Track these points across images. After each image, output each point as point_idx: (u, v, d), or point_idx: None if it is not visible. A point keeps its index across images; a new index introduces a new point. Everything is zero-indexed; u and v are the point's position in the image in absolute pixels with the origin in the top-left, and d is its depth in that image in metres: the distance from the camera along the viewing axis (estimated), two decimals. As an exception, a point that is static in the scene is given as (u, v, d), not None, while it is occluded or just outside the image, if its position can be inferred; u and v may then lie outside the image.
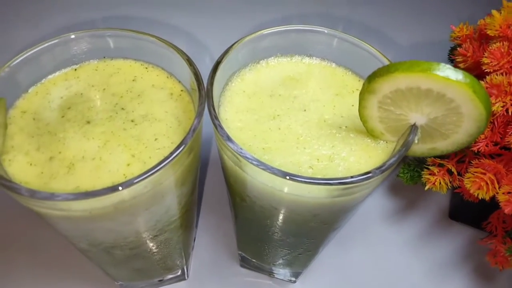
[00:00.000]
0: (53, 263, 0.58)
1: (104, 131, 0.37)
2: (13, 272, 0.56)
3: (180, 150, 0.32)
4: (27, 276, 0.56)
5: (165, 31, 0.91)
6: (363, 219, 0.64)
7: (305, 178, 0.31)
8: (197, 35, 0.90)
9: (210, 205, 0.65)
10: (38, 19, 0.92)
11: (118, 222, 0.35)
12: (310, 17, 0.91)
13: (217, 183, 0.67)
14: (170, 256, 0.49)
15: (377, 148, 0.37)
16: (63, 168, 0.34)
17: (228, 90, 0.41)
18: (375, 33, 0.89)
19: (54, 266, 0.57)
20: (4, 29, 0.89)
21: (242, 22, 0.89)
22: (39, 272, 0.57)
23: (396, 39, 0.89)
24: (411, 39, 0.90)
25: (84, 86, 0.41)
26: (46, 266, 0.57)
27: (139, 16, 0.94)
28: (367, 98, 0.35)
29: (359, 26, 0.90)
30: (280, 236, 0.44)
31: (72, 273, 0.57)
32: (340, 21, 0.89)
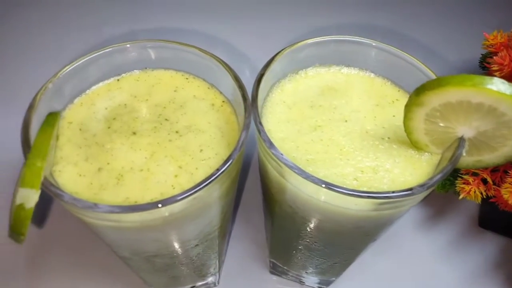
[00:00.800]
0: (89, 265, 0.59)
1: (150, 142, 0.37)
2: (50, 271, 0.57)
3: (230, 162, 0.32)
4: (62, 276, 0.57)
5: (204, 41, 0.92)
6: (394, 227, 0.64)
7: (352, 191, 0.31)
8: (234, 45, 0.91)
9: (242, 212, 0.66)
10: (82, 31, 0.94)
11: (164, 233, 0.36)
12: (349, 27, 0.91)
13: (249, 191, 0.68)
14: (206, 264, 0.49)
15: (422, 160, 0.37)
16: (112, 179, 0.35)
17: (268, 101, 0.42)
18: (412, 42, 0.89)
19: (90, 267, 0.58)
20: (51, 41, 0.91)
21: (280, 32, 0.89)
22: (74, 272, 0.58)
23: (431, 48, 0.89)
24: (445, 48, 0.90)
25: (127, 96, 0.41)
26: (82, 267, 0.58)
27: (179, 27, 0.95)
28: (414, 110, 0.34)
29: (397, 36, 0.90)
30: (319, 246, 0.44)
31: (108, 277, 0.58)
32: (378, 31, 0.90)
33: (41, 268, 0.58)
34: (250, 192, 0.67)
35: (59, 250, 0.60)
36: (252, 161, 0.72)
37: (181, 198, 0.30)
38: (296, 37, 0.42)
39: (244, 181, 0.69)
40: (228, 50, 0.89)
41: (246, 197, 0.67)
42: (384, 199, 0.31)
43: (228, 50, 0.89)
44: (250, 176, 0.69)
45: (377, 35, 0.45)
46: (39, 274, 0.58)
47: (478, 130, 0.33)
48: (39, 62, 0.86)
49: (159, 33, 0.93)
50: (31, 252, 0.60)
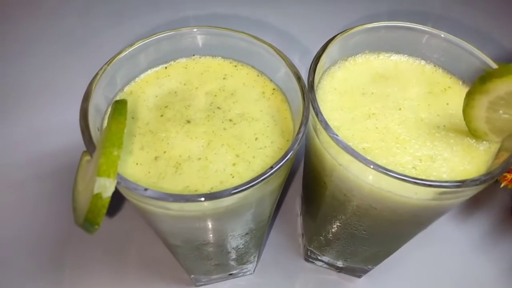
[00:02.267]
0: (128, 252, 0.59)
1: (206, 131, 0.37)
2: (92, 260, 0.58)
3: (290, 154, 0.32)
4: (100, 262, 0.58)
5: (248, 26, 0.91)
6: (428, 215, 0.64)
7: (422, 180, 0.31)
8: (282, 31, 0.89)
9: (281, 203, 0.66)
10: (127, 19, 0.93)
11: (221, 222, 0.36)
12: (400, 13, 0.90)
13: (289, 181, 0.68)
14: (249, 252, 0.49)
15: (479, 149, 0.37)
16: (170, 168, 0.35)
17: (319, 89, 0.41)
18: (465, 29, 0.87)
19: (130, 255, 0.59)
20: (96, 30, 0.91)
21: (329, 19, 0.88)
22: (112, 258, 0.58)
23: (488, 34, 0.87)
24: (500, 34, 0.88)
25: (176, 84, 0.41)
26: (120, 254, 0.59)
27: (226, 13, 0.94)
28: (477, 98, 0.34)
29: (449, 22, 0.88)
30: (366, 235, 0.44)
31: (143, 265, 0.58)
32: (430, 17, 0.88)
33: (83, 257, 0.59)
34: (287, 182, 0.67)
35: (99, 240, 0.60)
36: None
37: (253, 185, 0.29)
38: (345, 24, 0.41)
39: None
40: (276, 36, 0.88)
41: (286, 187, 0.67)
42: (452, 188, 0.31)
43: (276, 36, 0.88)
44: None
45: (428, 21, 0.44)
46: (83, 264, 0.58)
47: (546, 118, 0.32)
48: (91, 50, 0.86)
49: (209, 19, 0.92)
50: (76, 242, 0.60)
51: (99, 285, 0.56)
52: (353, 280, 0.59)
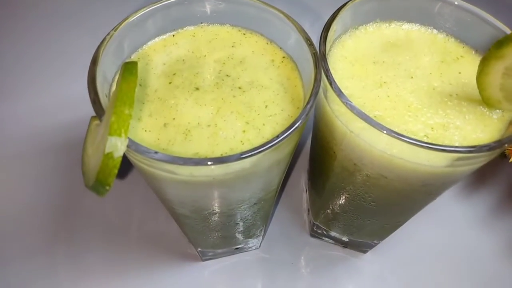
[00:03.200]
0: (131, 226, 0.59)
1: (215, 98, 0.36)
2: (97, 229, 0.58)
3: (301, 121, 0.31)
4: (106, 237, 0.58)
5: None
6: (434, 191, 0.63)
7: (439, 146, 0.30)
8: None
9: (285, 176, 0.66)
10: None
11: (231, 189, 0.35)
12: None
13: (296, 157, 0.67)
14: (255, 224, 0.49)
15: (492, 117, 0.36)
16: (179, 135, 0.34)
17: (330, 57, 0.40)
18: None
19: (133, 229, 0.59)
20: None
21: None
22: (115, 233, 0.58)
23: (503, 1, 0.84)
24: None
25: (184, 52, 0.40)
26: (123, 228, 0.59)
27: None
28: (492, 64, 0.33)
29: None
30: (375, 206, 0.43)
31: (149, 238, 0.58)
32: None
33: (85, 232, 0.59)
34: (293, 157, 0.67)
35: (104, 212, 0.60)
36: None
37: (262, 150, 0.29)
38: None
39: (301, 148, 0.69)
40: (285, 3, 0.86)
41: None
42: (464, 153, 0.30)
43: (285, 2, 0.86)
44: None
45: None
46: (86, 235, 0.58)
47: (562, 83, 0.32)
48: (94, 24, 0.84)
49: None
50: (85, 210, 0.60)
51: (102, 260, 0.56)
52: (358, 255, 0.59)
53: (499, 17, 0.39)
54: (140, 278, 0.55)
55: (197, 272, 0.56)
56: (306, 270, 0.58)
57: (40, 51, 0.81)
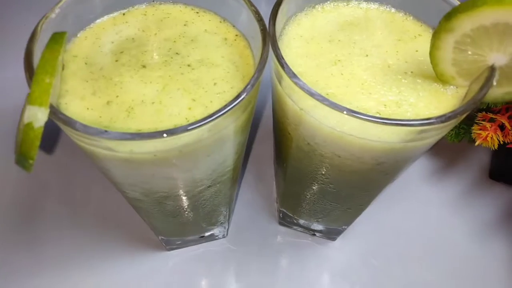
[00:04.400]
0: (93, 216, 0.58)
1: (162, 75, 0.35)
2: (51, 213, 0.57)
3: (245, 95, 0.30)
4: (66, 226, 0.56)
5: None
6: (404, 178, 0.63)
7: (381, 119, 0.29)
8: None
9: (251, 162, 0.64)
10: None
11: (178, 169, 0.34)
12: None
13: (258, 140, 0.66)
14: (216, 210, 0.48)
15: (447, 94, 0.36)
16: (122, 112, 0.33)
17: (284, 35, 0.39)
18: None
19: (95, 219, 0.57)
20: None
21: None
22: (79, 223, 0.57)
23: None
24: None
25: (134, 31, 0.39)
26: (87, 219, 0.57)
27: None
28: (443, 37, 0.32)
29: None
30: (334, 189, 0.43)
31: (111, 228, 0.57)
32: None
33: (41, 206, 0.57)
34: (259, 142, 0.66)
35: (62, 193, 0.59)
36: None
37: (197, 126, 0.28)
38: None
39: (256, 130, 0.67)
40: None
41: (255, 147, 0.66)
42: (414, 127, 0.30)
43: None
44: (261, 126, 0.68)
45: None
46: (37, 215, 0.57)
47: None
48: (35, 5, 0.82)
49: None
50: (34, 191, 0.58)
51: (57, 249, 0.54)
52: (327, 243, 0.58)
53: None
54: (99, 268, 0.54)
55: (160, 262, 0.55)
56: (274, 259, 0.57)
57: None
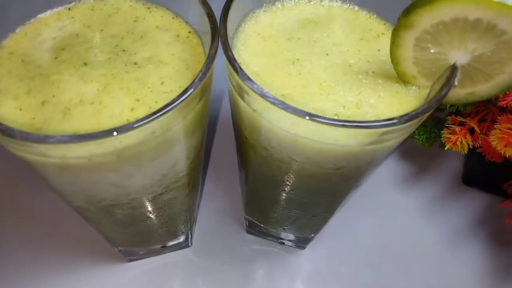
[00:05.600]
0: (46, 227, 0.54)
1: (104, 74, 0.32)
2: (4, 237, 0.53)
3: (191, 91, 0.28)
4: (19, 239, 0.53)
5: None
6: (375, 184, 0.61)
7: (334, 120, 0.27)
8: None
9: (215, 168, 0.62)
10: None
11: (121, 175, 0.31)
12: None
13: (223, 145, 0.64)
14: (174, 219, 0.45)
15: (408, 95, 0.34)
16: (57, 113, 0.30)
17: (241, 32, 0.37)
18: None
19: (48, 230, 0.54)
20: None
21: None
22: (33, 237, 0.53)
23: None
24: None
25: (79, 26, 0.36)
26: (40, 231, 0.54)
27: None
28: (402, 35, 0.31)
29: None
30: (296, 195, 0.40)
31: (68, 239, 0.53)
32: None
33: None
34: (224, 149, 0.63)
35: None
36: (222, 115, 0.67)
37: (136, 127, 0.25)
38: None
39: (213, 133, 0.65)
40: None
41: (219, 153, 0.63)
42: (368, 129, 0.28)
43: None
44: (223, 131, 0.65)
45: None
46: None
47: (474, 54, 0.30)
48: None
49: None
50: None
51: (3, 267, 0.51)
52: (297, 252, 0.56)
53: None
54: (55, 281, 0.50)
55: (119, 274, 0.52)
56: (241, 270, 0.55)
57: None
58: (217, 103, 0.68)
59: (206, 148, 0.46)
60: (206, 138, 0.40)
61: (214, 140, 0.64)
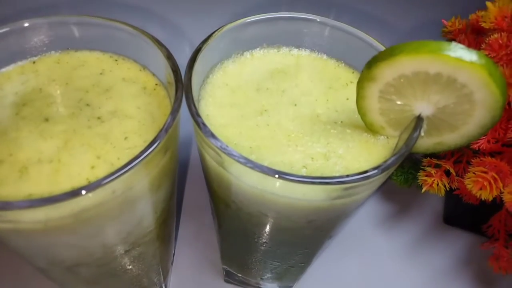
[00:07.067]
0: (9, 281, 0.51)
1: (65, 130, 0.32)
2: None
3: (153, 148, 0.27)
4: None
5: (140, 18, 0.83)
6: (355, 226, 0.60)
7: (300, 177, 0.26)
8: (175, 23, 0.83)
9: (190, 214, 0.60)
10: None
11: (80, 236, 0.30)
12: (299, 3, 0.84)
13: (197, 189, 0.62)
14: (146, 273, 0.43)
15: (377, 144, 0.34)
16: (14, 173, 0.29)
17: (208, 83, 0.37)
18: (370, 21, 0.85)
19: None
20: None
21: (226, 6, 0.83)
22: None
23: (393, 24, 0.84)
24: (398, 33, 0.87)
25: (43, 80, 0.36)
26: None
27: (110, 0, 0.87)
28: (366, 86, 0.31)
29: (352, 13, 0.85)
30: (270, 247, 0.39)
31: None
32: (332, 8, 0.85)
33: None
34: (199, 190, 0.62)
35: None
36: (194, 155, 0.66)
37: (90, 189, 0.24)
38: (244, 15, 0.38)
39: (185, 177, 0.63)
40: (167, 28, 0.82)
41: (193, 196, 0.62)
42: (335, 185, 0.27)
43: (167, 27, 0.82)
44: (196, 172, 0.64)
45: (330, 13, 0.42)
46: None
47: (437, 106, 0.30)
48: None
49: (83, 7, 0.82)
50: None
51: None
52: (277, 300, 0.54)
53: (389, 41, 0.37)
54: None
55: (88, 332, 0.49)
56: (219, 321, 0.52)
57: None
58: (188, 144, 0.67)
59: (177, 193, 0.44)
60: (178, 179, 0.39)
61: (186, 183, 0.63)
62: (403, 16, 0.90)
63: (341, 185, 0.28)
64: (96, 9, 0.82)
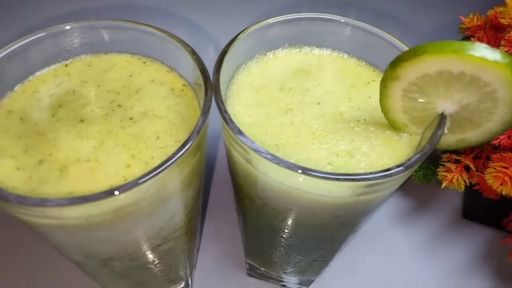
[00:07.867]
0: (44, 275, 0.53)
1: (100, 130, 0.33)
2: None
3: (186, 148, 0.28)
4: None
5: (164, 20, 0.86)
6: (374, 222, 0.61)
7: (325, 174, 0.27)
8: (199, 24, 0.84)
9: (213, 211, 0.62)
10: (24, 9, 0.86)
11: (117, 231, 0.31)
12: (320, 4, 0.85)
13: (220, 187, 0.64)
14: (174, 267, 0.45)
15: (401, 142, 0.34)
16: (54, 172, 0.31)
17: (234, 84, 0.38)
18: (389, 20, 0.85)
19: (46, 278, 0.53)
20: None
21: (249, 9, 0.84)
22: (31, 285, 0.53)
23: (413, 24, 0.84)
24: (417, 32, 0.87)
25: (76, 83, 0.37)
26: (39, 279, 0.53)
27: (135, 4, 0.89)
28: (390, 86, 0.31)
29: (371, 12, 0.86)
30: (295, 241, 0.40)
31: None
32: (351, 8, 0.86)
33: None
34: (223, 187, 0.63)
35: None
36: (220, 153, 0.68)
37: (129, 188, 0.26)
38: (266, 16, 0.39)
39: (211, 174, 0.65)
40: (191, 29, 0.83)
41: (218, 193, 0.63)
42: (360, 182, 0.28)
43: (191, 29, 0.83)
44: (221, 170, 0.65)
45: (351, 12, 0.42)
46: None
47: (460, 104, 0.30)
48: None
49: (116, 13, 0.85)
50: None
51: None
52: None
53: (409, 40, 0.38)
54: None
55: (117, 324, 0.51)
56: (242, 314, 0.54)
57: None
58: (215, 142, 0.69)
59: (204, 191, 0.46)
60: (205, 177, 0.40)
61: (212, 181, 0.65)
62: (421, 15, 0.90)
63: (365, 182, 0.28)
64: (123, 13, 0.84)
